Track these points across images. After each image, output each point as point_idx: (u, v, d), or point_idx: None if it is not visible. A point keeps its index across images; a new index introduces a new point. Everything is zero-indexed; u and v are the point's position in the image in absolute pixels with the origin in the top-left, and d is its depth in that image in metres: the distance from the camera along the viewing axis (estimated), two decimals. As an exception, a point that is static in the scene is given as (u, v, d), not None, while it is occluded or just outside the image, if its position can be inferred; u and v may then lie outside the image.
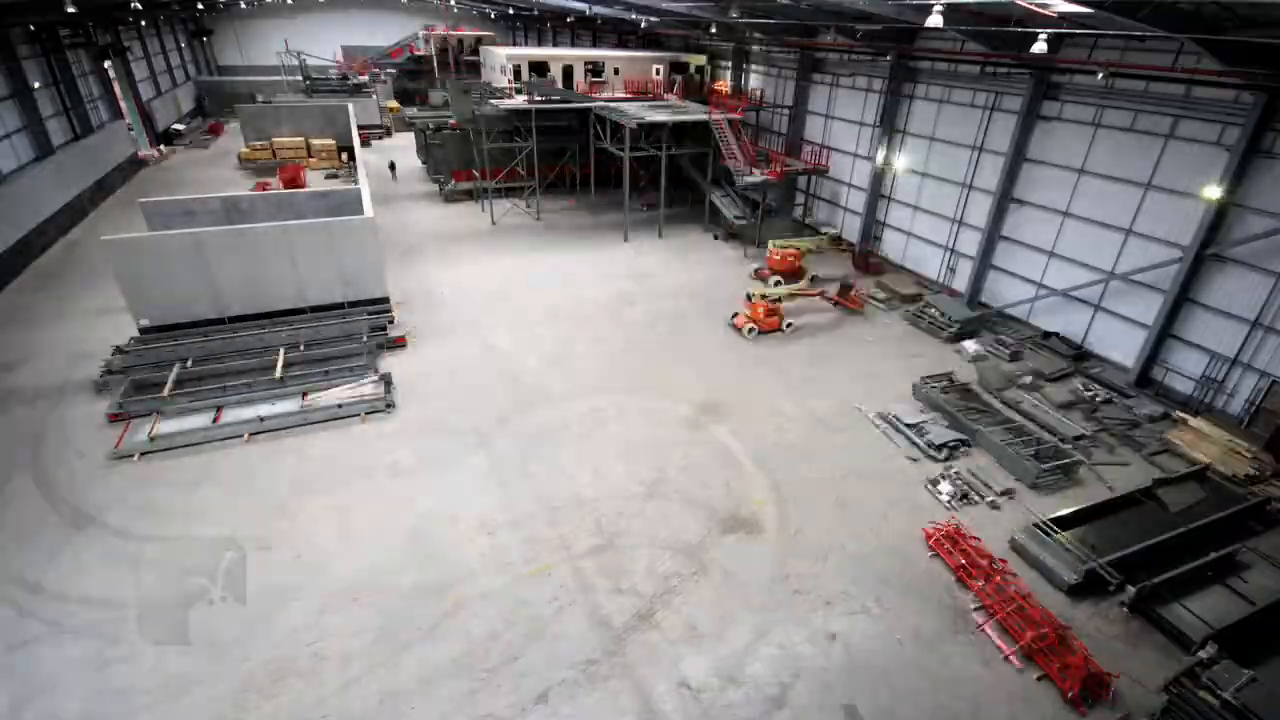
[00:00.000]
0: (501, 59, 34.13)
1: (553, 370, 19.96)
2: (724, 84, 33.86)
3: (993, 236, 24.00)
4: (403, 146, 47.28)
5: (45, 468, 15.36)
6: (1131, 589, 12.23)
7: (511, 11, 61.47)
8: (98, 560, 12.81)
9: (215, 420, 16.77)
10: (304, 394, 17.77)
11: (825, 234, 25.97)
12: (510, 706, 10.29)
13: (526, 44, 68.32)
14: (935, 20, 15.01)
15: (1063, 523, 13.75)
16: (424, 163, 39.47)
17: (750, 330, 22.29)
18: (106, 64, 40.89)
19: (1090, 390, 19.57)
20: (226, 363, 18.84)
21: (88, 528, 13.65)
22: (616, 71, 35.75)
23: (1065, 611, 12.22)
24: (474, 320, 23.02)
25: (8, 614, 11.58)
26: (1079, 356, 21.21)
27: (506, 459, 16.02)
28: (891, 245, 29.05)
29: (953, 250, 26.09)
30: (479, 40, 57.81)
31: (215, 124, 54.68)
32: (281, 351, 18.76)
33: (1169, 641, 11.76)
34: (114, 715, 10.07)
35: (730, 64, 38.71)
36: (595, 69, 36.07)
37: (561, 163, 36.55)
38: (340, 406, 17.40)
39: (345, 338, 20.32)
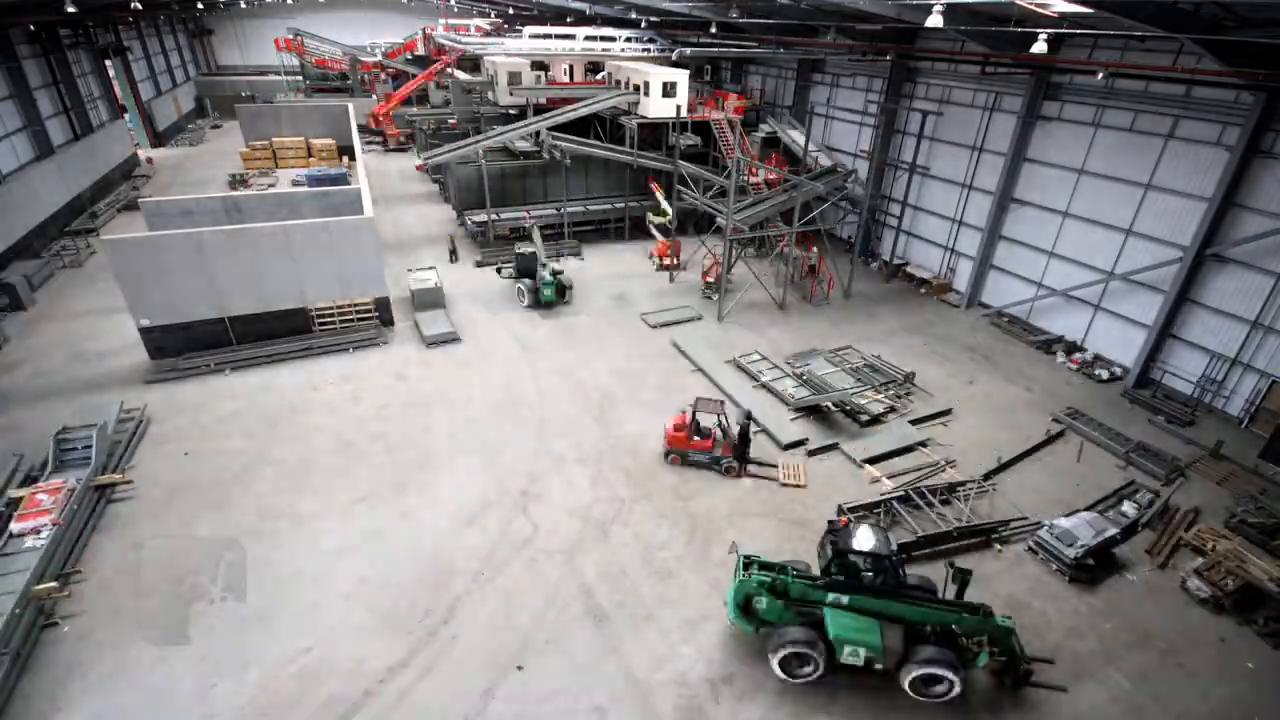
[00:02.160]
0: (499, 58, 34.05)
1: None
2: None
3: (993, 236, 24.01)
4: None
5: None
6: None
7: (511, 11, 61.42)
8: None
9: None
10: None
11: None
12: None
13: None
14: (935, 20, 14.98)
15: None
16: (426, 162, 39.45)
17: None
18: (107, 64, 40.90)
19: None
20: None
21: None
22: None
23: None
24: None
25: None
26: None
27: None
28: (888, 244, 29.05)
29: (952, 250, 26.09)
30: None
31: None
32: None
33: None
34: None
35: (730, 64, 38.77)
36: (595, 68, 36.03)
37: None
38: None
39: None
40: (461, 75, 38.18)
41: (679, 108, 26.69)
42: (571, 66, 35.84)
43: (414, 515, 14.27)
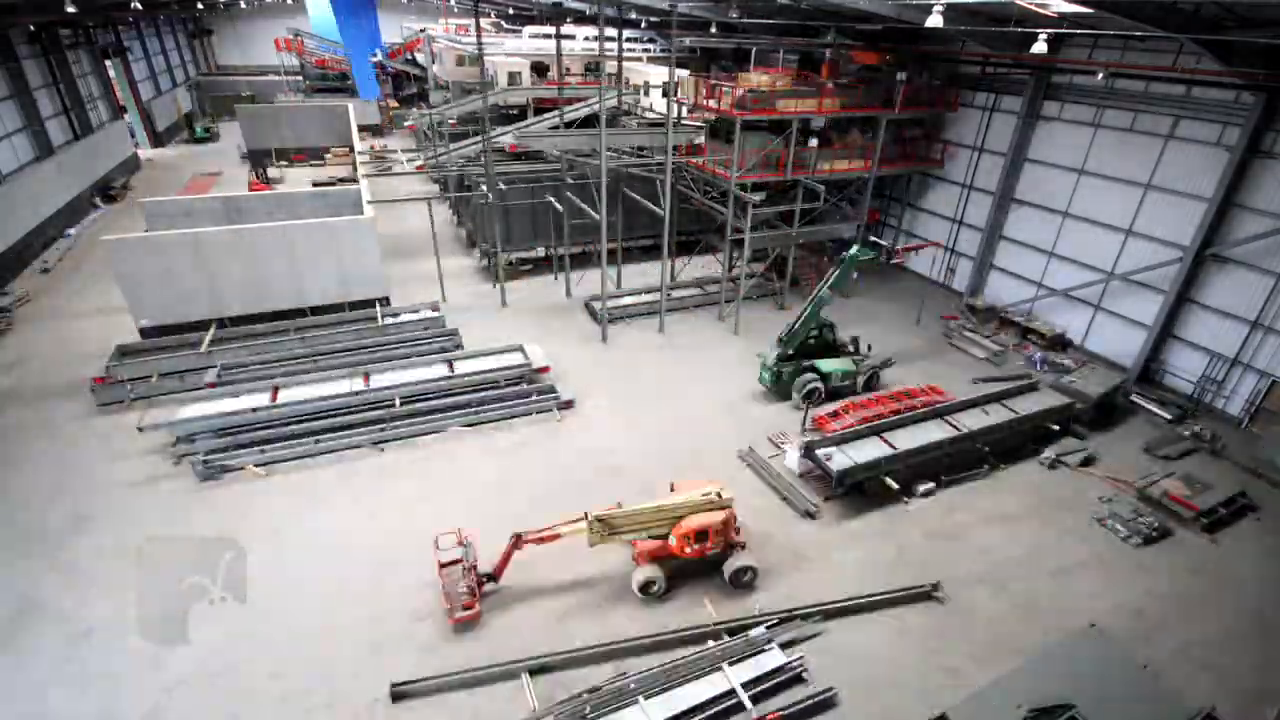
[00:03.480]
0: (499, 59, 34.05)
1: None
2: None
3: (993, 236, 24.01)
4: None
5: (45, 468, 15.35)
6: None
7: (511, 11, 61.35)
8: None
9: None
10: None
11: None
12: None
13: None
14: (935, 20, 14.96)
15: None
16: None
17: None
18: (107, 64, 40.91)
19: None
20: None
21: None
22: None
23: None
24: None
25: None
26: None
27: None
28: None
29: (952, 250, 26.08)
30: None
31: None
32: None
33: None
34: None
35: (730, 62, 38.74)
36: (596, 67, 36.05)
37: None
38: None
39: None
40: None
41: (680, 107, 26.67)
42: (568, 67, 35.81)
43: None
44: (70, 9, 24.91)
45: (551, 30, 39.54)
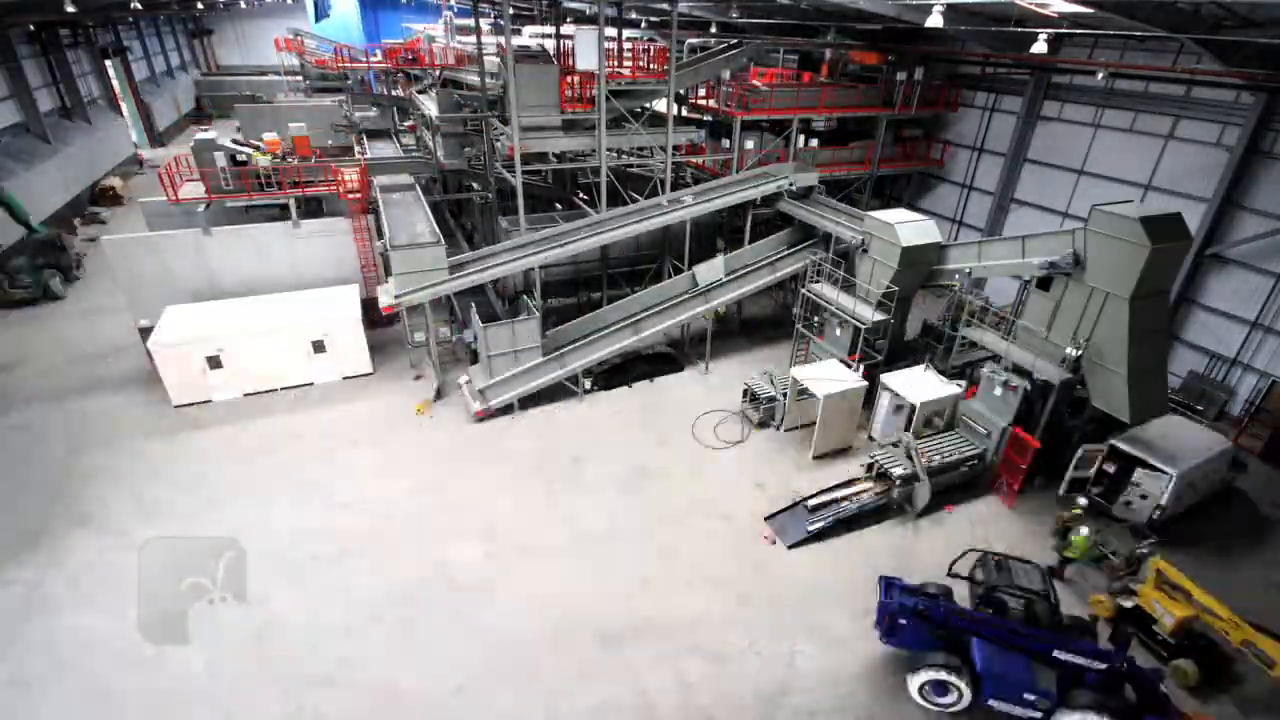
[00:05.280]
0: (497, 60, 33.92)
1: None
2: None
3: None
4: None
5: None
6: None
7: (511, 11, 61.40)
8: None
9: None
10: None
11: None
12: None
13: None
14: (935, 20, 14.95)
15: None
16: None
17: None
18: (107, 63, 40.95)
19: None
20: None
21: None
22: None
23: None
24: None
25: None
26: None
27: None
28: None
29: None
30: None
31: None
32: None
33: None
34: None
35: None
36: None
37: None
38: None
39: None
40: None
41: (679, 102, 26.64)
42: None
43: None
44: (70, 9, 24.94)
45: (551, 30, 39.54)
